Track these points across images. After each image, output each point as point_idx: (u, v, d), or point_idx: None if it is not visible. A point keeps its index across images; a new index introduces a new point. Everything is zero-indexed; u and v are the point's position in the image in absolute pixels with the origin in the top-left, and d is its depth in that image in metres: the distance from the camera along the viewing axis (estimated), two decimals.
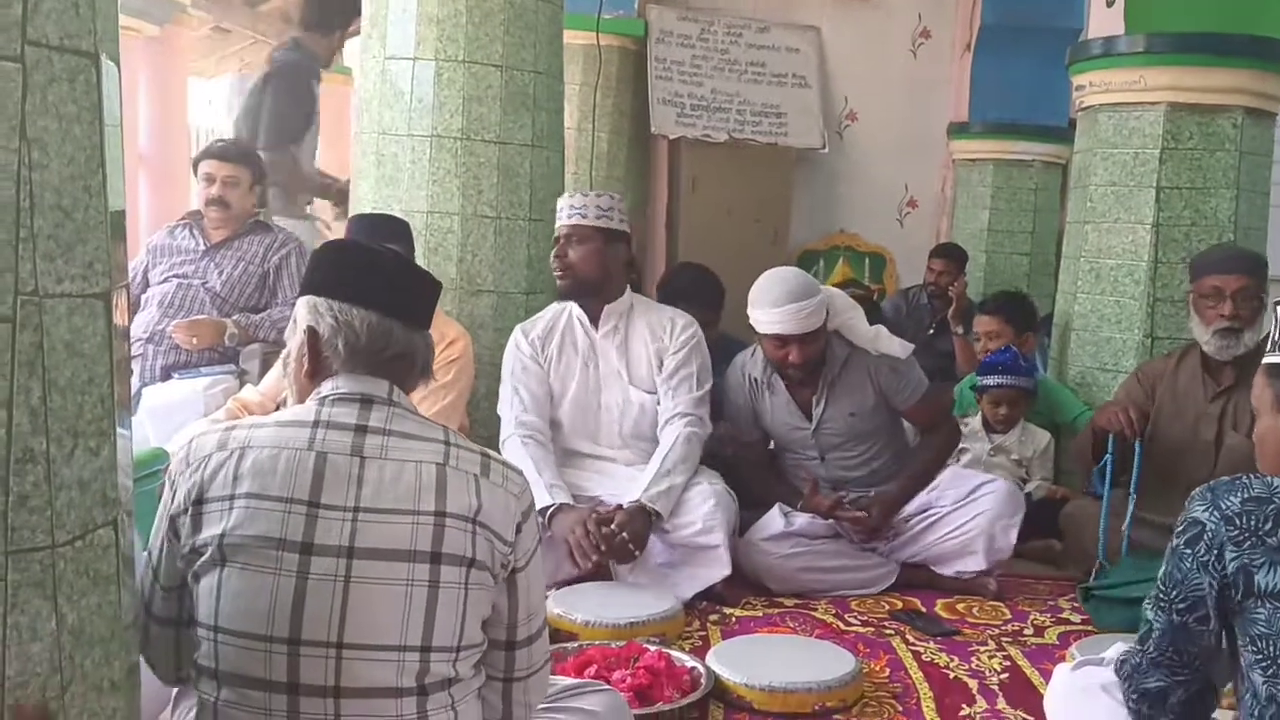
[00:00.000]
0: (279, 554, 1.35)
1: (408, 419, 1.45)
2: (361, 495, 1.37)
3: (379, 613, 1.35)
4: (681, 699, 2.18)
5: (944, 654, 2.63)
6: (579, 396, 3.14)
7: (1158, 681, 1.63)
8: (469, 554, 1.39)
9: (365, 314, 1.44)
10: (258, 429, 1.43)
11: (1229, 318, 2.98)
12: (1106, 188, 3.77)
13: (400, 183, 3.52)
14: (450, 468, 1.41)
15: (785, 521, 3.06)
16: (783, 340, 3.00)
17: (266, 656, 1.35)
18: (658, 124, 6.04)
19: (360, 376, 1.45)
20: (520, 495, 1.46)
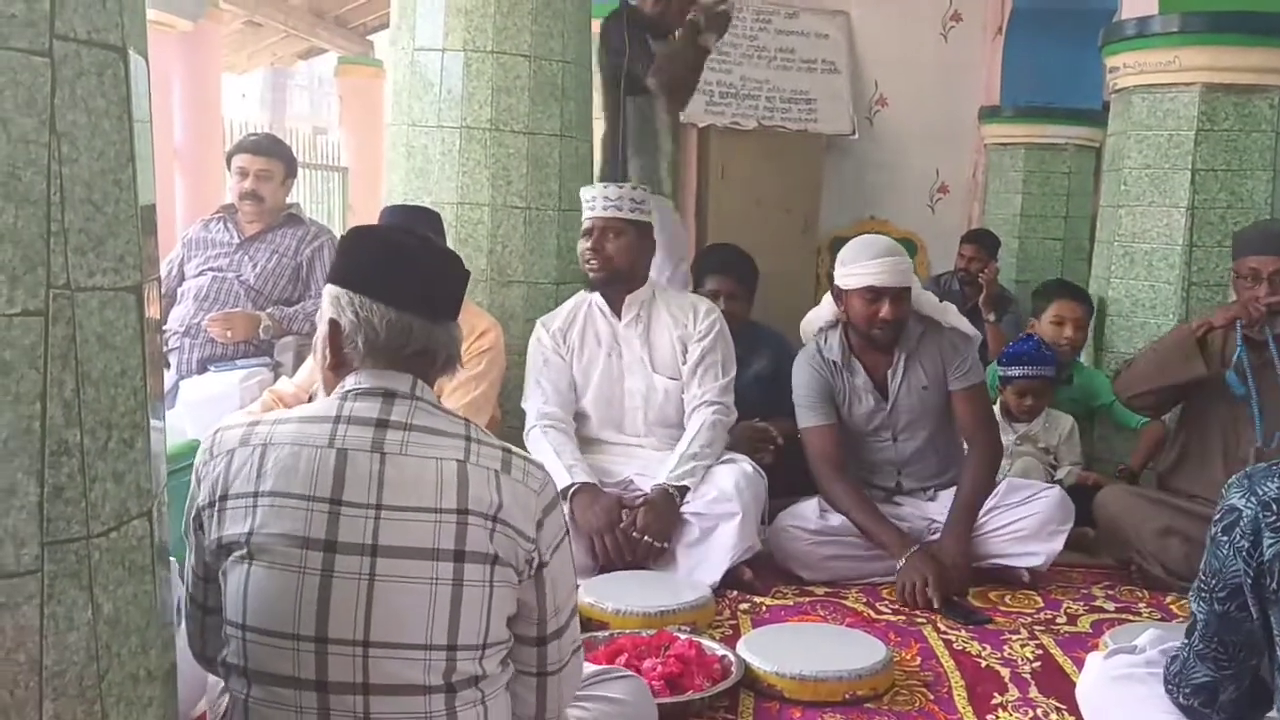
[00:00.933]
0: (303, 552, 1.35)
1: (430, 413, 1.44)
2: (383, 494, 1.37)
3: (404, 611, 1.36)
4: (712, 687, 2.18)
5: (976, 642, 2.62)
6: (602, 385, 3.15)
7: (1205, 676, 1.62)
8: (490, 551, 1.39)
9: (385, 310, 1.43)
10: (280, 425, 1.43)
11: (1264, 300, 2.96)
12: (1141, 170, 3.73)
13: (430, 174, 3.54)
14: (471, 464, 1.40)
15: (820, 518, 3.04)
16: (877, 294, 3.01)
17: (294, 654, 1.35)
18: (687, 113, 6.01)
19: (383, 371, 1.44)
20: (541, 491, 1.45)
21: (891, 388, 3.16)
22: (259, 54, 9.47)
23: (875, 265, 3.01)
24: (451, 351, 1.50)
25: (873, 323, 3.05)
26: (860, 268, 3.04)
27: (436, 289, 1.48)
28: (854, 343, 3.17)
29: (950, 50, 6.58)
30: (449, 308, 1.50)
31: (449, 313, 1.50)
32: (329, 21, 8.84)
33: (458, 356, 1.52)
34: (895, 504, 3.18)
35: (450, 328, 1.49)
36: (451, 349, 1.50)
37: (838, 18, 6.48)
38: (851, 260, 3.07)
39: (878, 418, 3.18)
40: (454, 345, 1.50)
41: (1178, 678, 1.66)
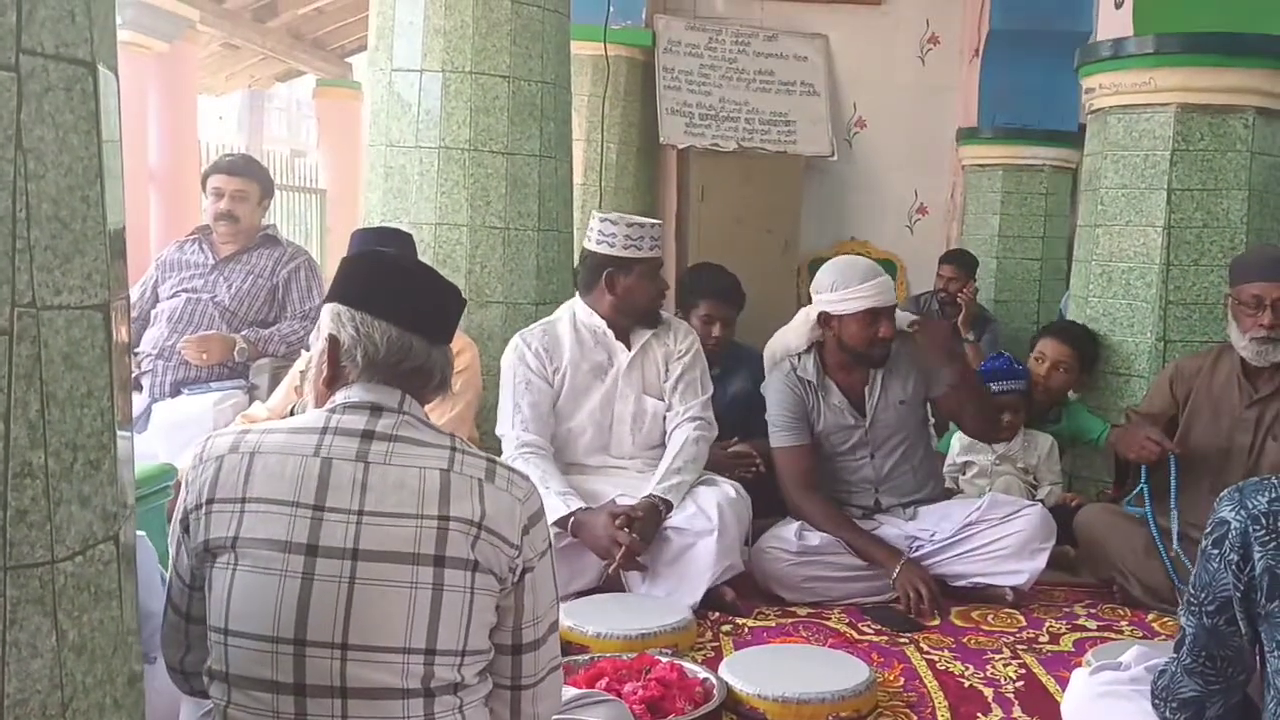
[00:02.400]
0: (285, 556, 1.36)
1: (416, 427, 1.46)
2: (366, 499, 1.38)
3: (382, 614, 1.36)
4: (694, 711, 2.15)
5: (958, 662, 2.60)
6: (595, 412, 3.10)
7: (1192, 691, 1.61)
8: (471, 557, 1.39)
9: (387, 327, 1.46)
10: (269, 434, 1.45)
11: (1267, 327, 2.90)
12: (1117, 190, 3.75)
13: (408, 195, 3.52)
14: (455, 473, 1.41)
15: (799, 540, 3.02)
16: (876, 314, 3.05)
17: (273, 657, 1.36)
18: (666, 134, 6.04)
19: (375, 386, 1.46)
20: (526, 500, 1.46)
21: (869, 405, 3.17)
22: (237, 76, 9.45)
23: (871, 288, 3.03)
24: (446, 373, 1.52)
25: (873, 344, 3.08)
26: (856, 292, 3.04)
27: (436, 311, 1.51)
28: (829, 364, 3.18)
29: (928, 72, 6.63)
30: (445, 331, 1.53)
31: (445, 336, 1.53)
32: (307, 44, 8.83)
33: (449, 380, 1.54)
34: (875, 522, 3.17)
35: (446, 351, 1.52)
36: (446, 371, 1.52)
37: (816, 40, 6.53)
38: (844, 285, 3.06)
39: (855, 435, 3.18)
40: (448, 368, 1.52)
41: (1165, 692, 1.65)
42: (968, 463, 3.70)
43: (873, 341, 3.07)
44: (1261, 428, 3.01)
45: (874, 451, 3.18)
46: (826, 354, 3.19)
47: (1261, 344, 2.93)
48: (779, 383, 3.21)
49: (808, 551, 3.01)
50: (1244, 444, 3.02)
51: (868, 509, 3.20)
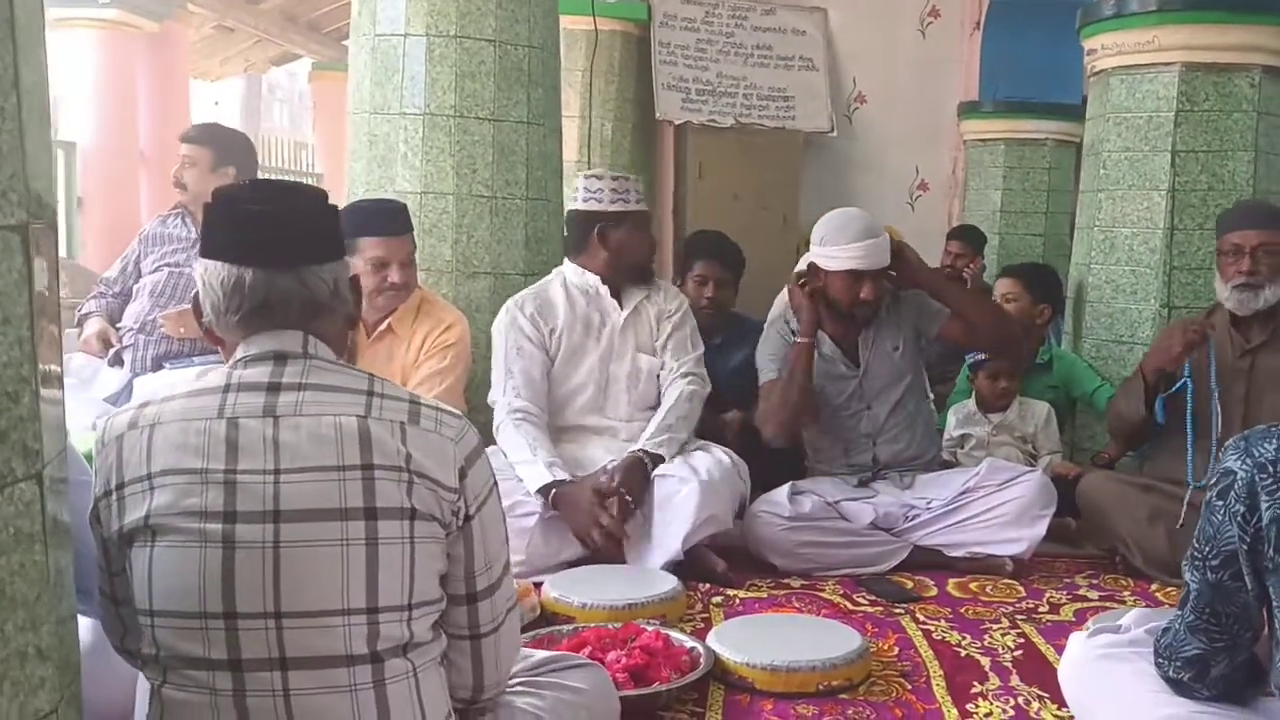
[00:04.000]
0: (202, 526, 1.27)
1: (327, 370, 1.35)
2: (280, 457, 1.28)
3: (315, 577, 1.27)
4: (679, 679, 2.08)
5: (955, 632, 2.53)
6: (592, 373, 3.09)
7: (1196, 648, 1.54)
8: (407, 504, 1.30)
9: (220, 268, 1.35)
10: (168, 402, 1.34)
11: (1247, 273, 2.94)
12: (1120, 154, 3.66)
13: (393, 163, 3.44)
14: (373, 419, 1.31)
15: (792, 504, 2.96)
16: (859, 276, 3.00)
17: (204, 634, 1.27)
18: (663, 109, 5.96)
19: (273, 333, 1.35)
20: (459, 440, 1.36)
21: (863, 355, 3.15)
22: (232, 60, 9.36)
23: (858, 249, 2.99)
24: (308, 298, 1.36)
25: (855, 304, 3.06)
26: (842, 250, 3.00)
27: (271, 234, 1.36)
28: (821, 314, 3.14)
29: (928, 46, 6.53)
30: (294, 252, 1.36)
31: (294, 259, 1.36)
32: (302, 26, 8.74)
33: (327, 301, 1.38)
34: (871, 490, 3.10)
35: (301, 274, 1.36)
36: (306, 295, 1.36)
37: (815, 14, 6.43)
38: (831, 240, 3.03)
39: (850, 386, 3.15)
40: (309, 291, 1.36)
41: (1168, 650, 1.58)
42: (965, 435, 3.62)
43: (854, 302, 3.05)
44: (1254, 379, 3.02)
45: (870, 402, 3.15)
46: (819, 306, 3.14)
47: (1241, 291, 2.96)
48: (771, 332, 3.23)
49: (800, 517, 2.94)
50: (1239, 394, 3.01)
51: (866, 466, 3.14)
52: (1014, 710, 2.10)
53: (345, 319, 1.44)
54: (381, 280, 2.99)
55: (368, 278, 2.99)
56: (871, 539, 2.99)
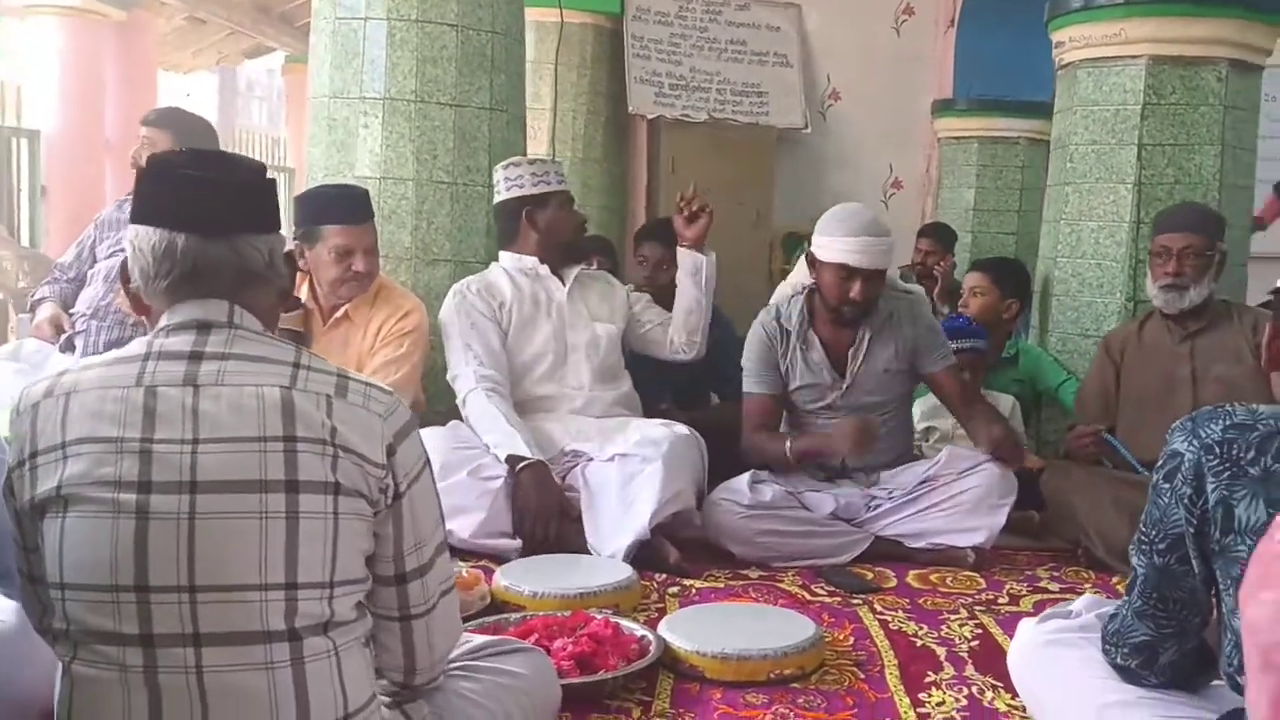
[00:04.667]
0: (115, 496, 1.22)
1: (253, 340, 1.31)
2: (199, 426, 1.24)
3: (231, 549, 1.22)
4: (626, 667, 2.04)
5: (913, 622, 2.49)
6: (548, 343, 3.14)
7: (1144, 634, 1.50)
8: (331, 479, 1.26)
9: (151, 232, 1.30)
10: (86, 370, 1.30)
11: (1172, 275, 3.11)
12: (1087, 147, 3.64)
13: (352, 148, 3.40)
14: (297, 390, 1.27)
15: (751, 493, 2.91)
16: (850, 272, 2.92)
17: (115, 607, 1.22)
18: (635, 103, 5.91)
19: (196, 302, 1.31)
20: (388, 416, 1.32)
21: (851, 367, 3.06)
22: (204, 52, 9.25)
23: (854, 244, 2.90)
24: (241, 267, 1.32)
25: (842, 301, 2.97)
26: (838, 243, 2.92)
27: (206, 200, 1.31)
28: (816, 313, 3.07)
29: (903, 44, 6.52)
30: (228, 220, 1.33)
31: (228, 226, 1.32)
32: (274, 18, 8.65)
33: (261, 272, 1.34)
34: (835, 485, 3.07)
35: (234, 243, 1.32)
36: (240, 264, 1.32)
37: (789, 10, 6.40)
38: (830, 231, 2.96)
39: (830, 396, 3.07)
40: (243, 260, 1.32)
41: (1115, 636, 1.54)
42: (929, 428, 3.60)
43: (842, 299, 2.96)
44: (1197, 357, 3.15)
45: (849, 414, 3.04)
46: (816, 301, 3.07)
47: (1168, 291, 3.14)
48: (757, 327, 3.13)
49: (760, 506, 2.89)
50: (1184, 375, 3.13)
51: (834, 470, 3.10)
52: (967, 700, 2.07)
53: (279, 292, 1.40)
54: (345, 269, 2.94)
55: (331, 267, 2.94)
56: (832, 529, 2.96)
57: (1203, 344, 3.16)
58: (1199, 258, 3.11)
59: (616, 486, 2.84)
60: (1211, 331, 3.18)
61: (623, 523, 2.78)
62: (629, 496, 2.80)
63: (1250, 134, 3.63)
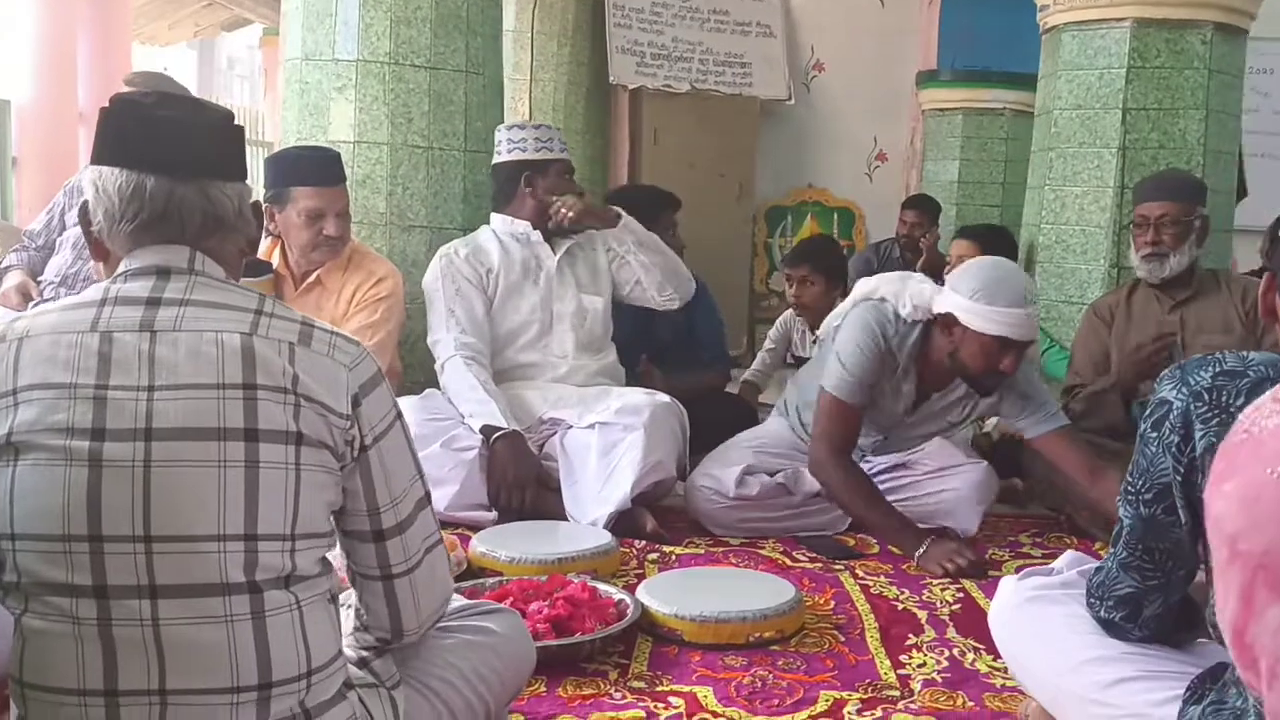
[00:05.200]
0: (67, 443, 1.17)
1: (215, 288, 1.26)
2: (156, 373, 1.19)
3: (189, 499, 1.18)
4: (603, 630, 2.00)
5: (894, 587, 2.46)
6: (534, 312, 3.09)
7: (1129, 587, 1.47)
8: (293, 428, 1.21)
9: (119, 173, 1.25)
10: (41, 316, 1.25)
11: (1151, 244, 3.10)
12: (1071, 111, 3.61)
13: (325, 111, 3.33)
14: (259, 337, 1.23)
15: (737, 487, 2.81)
16: (1006, 346, 2.57)
17: (67, 558, 1.17)
18: (616, 73, 5.86)
19: (156, 247, 1.26)
20: (355, 366, 1.28)
21: (925, 408, 2.85)
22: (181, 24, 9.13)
23: (1014, 316, 2.54)
24: (212, 213, 1.28)
25: (988, 374, 2.63)
26: (997, 314, 2.54)
27: (176, 141, 1.27)
28: (929, 354, 2.75)
29: (888, 15, 6.48)
30: (199, 163, 1.29)
31: (199, 170, 1.29)
32: None
33: (230, 220, 1.30)
34: None
35: (205, 187, 1.28)
36: (210, 209, 1.28)
37: None
38: (987, 300, 2.55)
39: (892, 421, 2.88)
40: (213, 206, 1.28)
41: (1100, 589, 1.51)
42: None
43: (988, 371, 2.62)
44: (1187, 327, 3.12)
45: (888, 436, 2.94)
46: (932, 344, 2.73)
47: (1148, 261, 3.12)
48: (873, 337, 2.71)
49: (745, 499, 2.82)
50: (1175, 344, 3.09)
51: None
52: (948, 661, 2.04)
53: (246, 241, 1.36)
54: (317, 233, 2.88)
55: (302, 231, 2.88)
56: (814, 507, 2.90)
57: (1191, 313, 3.15)
58: (1176, 225, 3.09)
59: (596, 455, 2.80)
60: (1200, 300, 3.16)
61: (602, 492, 2.75)
62: (609, 465, 2.77)
63: (1235, 99, 3.60)
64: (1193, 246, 3.12)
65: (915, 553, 2.61)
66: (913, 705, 1.84)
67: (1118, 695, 1.49)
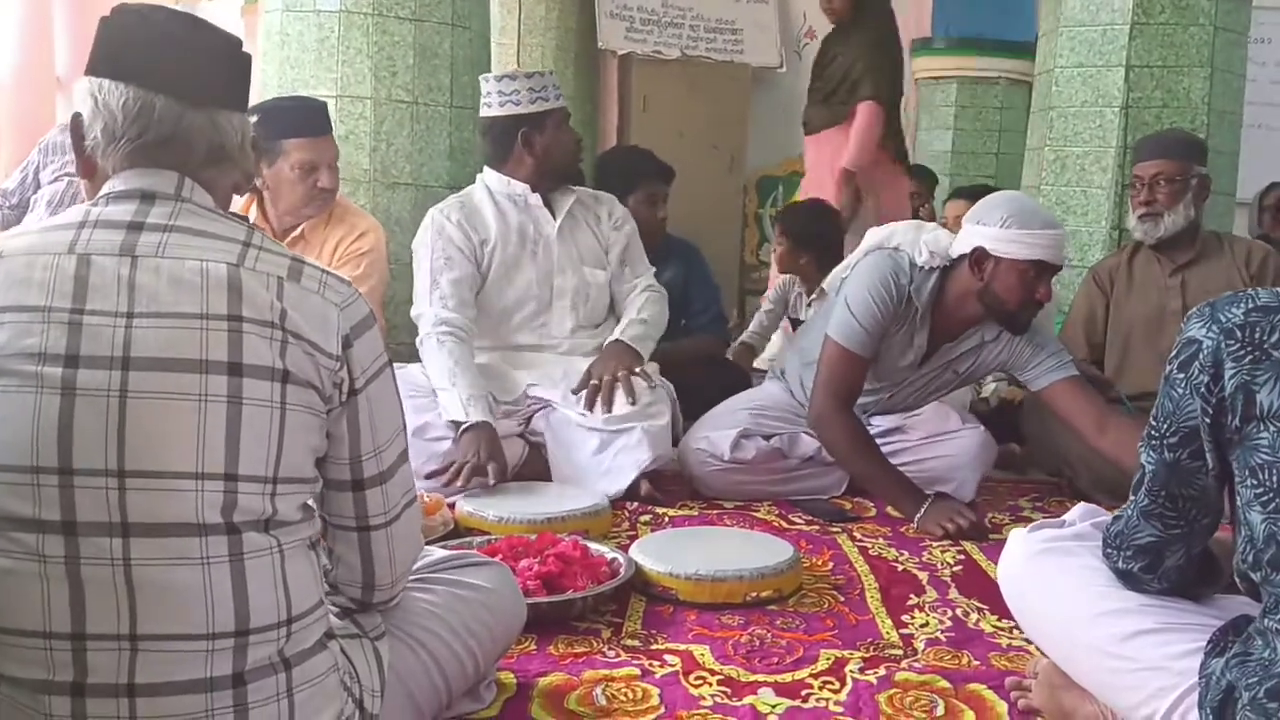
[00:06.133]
0: (39, 369, 1.10)
1: (201, 216, 1.19)
2: (135, 299, 1.12)
3: (166, 433, 1.10)
4: (596, 587, 1.93)
5: (893, 549, 2.40)
6: (531, 288, 2.88)
7: (1150, 536, 1.40)
8: (279, 365, 1.14)
9: (124, 89, 1.17)
10: (16, 238, 1.18)
11: (1145, 203, 3.04)
12: (1073, 69, 3.53)
13: (305, 64, 3.24)
14: (246, 269, 1.15)
15: (732, 450, 2.75)
16: (1042, 269, 2.53)
17: (34, 490, 1.09)
18: (605, 39, 5.76)
19: (143, 170, 1.19)
20: (346, 307, 1.20)
21: (934, 359, 2.76)
22: None
23: (1049, 238, 2.51)
24: (218, 141, 1.22)
25: (1026, 302, 2.56)
26: (1031, 237, 2.49)
27: (188, 62, 1.21)
28: (948, 301, 2.67)
29: None
30: (211, 89, 1.23)
31: (210, 97, 1.23)
32: None
33: (233, 152, 1.24)
34: None
35: (214, 115, 1.22)
36: (217, 138, 1.22)
37: None
38: (1019, 224, 2.50)
39: (898, 374, 2.79)
40: (220, 135, 1.22)
41: (1119, 539, 1.44)
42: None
43: (1024, 302, 2.56)
44: (1189, 291, 3.04)
45: (894, 393, 2.84)
46: (950, 290, 2.64)
47: (1144, 221, 3.06)
48: (887, 286, 2.62)
49: (740, 463, 2.76)
50: (1175, 308, 3.02)
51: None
52: (951, 621, 1.98)
53: (242, 175, 1.29)
54: (311, 186, 2.79)
55: (295, 185, 2.78)
56: (809, 471, 2.84)
57: (1194, 277, 3.06)
58: (1170, 183, 3.00)
59: (591, 452, 2.68)
60: (1202, 264, 3.08)
61: (598, 484, 2.63)
62: (604, 463, 2.67)
63: (1239, 58, 3.53)
64: (1189, 206, 3.02)
65: (915, 514, 2.55)
66: (917, 664, 1.78)
67: (1136, 648, 1.42)
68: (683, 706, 1.58)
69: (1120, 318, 3.12)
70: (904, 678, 1.72)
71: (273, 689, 1.15)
